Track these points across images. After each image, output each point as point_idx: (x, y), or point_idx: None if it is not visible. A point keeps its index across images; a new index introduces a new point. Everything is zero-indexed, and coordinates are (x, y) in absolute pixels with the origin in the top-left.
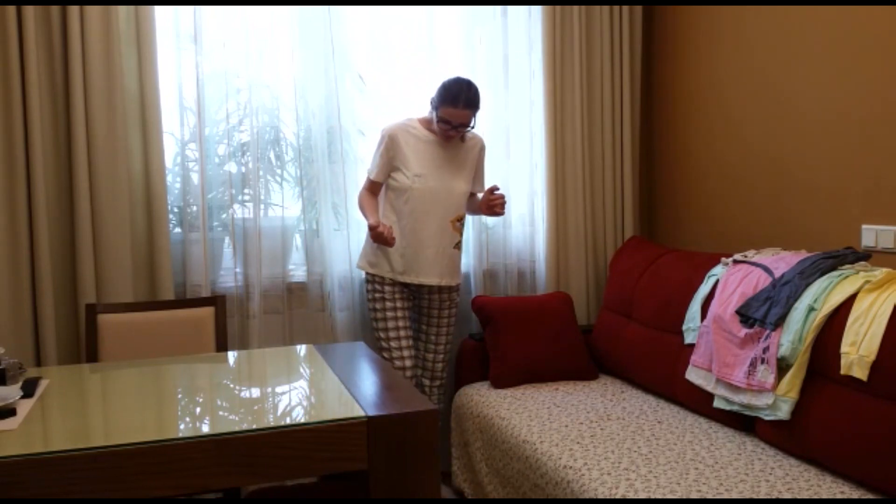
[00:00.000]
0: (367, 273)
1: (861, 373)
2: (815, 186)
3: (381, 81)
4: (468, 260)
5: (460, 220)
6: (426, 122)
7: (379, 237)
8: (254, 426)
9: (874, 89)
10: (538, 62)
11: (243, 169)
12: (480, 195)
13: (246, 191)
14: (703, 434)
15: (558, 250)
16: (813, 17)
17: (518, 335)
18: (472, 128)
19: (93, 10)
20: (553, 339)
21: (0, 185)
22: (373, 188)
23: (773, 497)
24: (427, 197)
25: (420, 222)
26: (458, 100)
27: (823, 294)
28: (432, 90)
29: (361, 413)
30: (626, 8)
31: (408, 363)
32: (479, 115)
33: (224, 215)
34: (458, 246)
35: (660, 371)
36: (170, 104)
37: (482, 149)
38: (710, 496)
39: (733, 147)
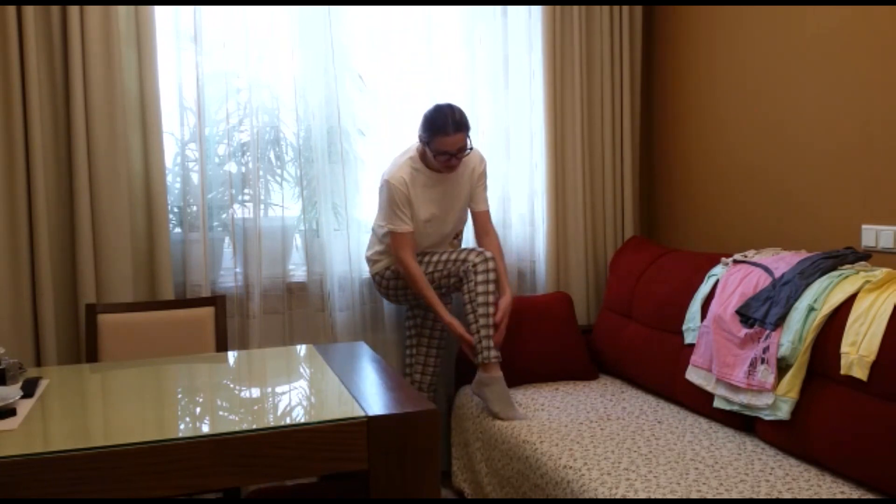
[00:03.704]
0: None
1: (861, 373)
2: (816, 186)
3: (381, 81)
4: None
5: (457, 236)
6: (424, 155)
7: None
8: (254, 426)
9: (875, 89)
10: (538, 62)
11: (243, 169)
12: (476, 209)
13: (246, 191)
14: (703, 434)
15: (558, 250)
16: (814, 13)
17: (518, 335)
18: (471, 149)
19: (93, 10)
20: (553, 339)
21: (0, 186)
22: (409, 242)
23: (773, 497)
24: (435, 232)
25: (429, 249)
26: (448, 127)
27: (823, 294)
28: (432, 90)
29: (361, 413)
30: (626, 8)
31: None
32: (478, 115)
33: (224, 215)
34: None
35: (660, 371)
36: (170, 104)
37: (481, 162)
38: (710, 496)
39: (733, 146)
